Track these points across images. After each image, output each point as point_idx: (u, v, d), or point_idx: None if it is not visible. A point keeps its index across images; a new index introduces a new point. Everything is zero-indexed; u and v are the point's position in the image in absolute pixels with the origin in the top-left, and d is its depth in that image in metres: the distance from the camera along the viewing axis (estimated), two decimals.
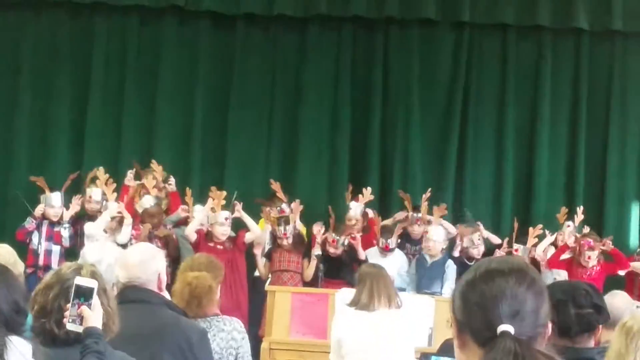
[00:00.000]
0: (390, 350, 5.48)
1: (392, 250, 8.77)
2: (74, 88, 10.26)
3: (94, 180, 9.10)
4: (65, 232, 8.87)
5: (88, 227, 8.46)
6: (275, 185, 9.43)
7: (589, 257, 8.61)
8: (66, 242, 8.87)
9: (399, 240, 8.93)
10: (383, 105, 10.28)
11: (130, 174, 9.42)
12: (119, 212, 8.51)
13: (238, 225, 8.96)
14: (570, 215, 9.30)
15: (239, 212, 8.81)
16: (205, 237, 8.68)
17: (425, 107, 10.27)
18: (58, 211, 8.91)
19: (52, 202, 8.92)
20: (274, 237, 8.78)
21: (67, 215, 8.91)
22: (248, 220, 8.84)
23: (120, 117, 10.22)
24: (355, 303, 5.58)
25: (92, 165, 9.68)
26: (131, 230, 8.48)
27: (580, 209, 9.19)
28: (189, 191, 9.19)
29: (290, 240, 8.67)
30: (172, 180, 9.40)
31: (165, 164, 9.54)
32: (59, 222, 8.90)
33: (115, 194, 8.75)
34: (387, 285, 5.60)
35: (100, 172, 9.01)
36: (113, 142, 10.19)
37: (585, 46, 10.27)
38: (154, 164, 9.35)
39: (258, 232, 8.80)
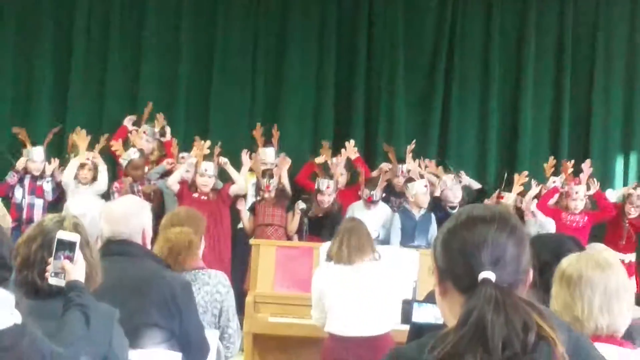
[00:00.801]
0: (372, 302, 5.53)
1: (375, 202, 8.77)
2: (58, 43, 10.12)
3: (75, 149, 9.06)
4: (47, 185, 8.89)
5: (63, 176, 8.72)
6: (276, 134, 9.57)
7: (577, 193, 8.69)
8: (48, 196, 8.89)
9: (383, 194, 8.96)
10: (368, 63, 10.23)
11: (129, 119, 9.56)
12: (89, 159, 8.70)
13: (224, 180, 8.98)
14: (557, 168, 9.36)
15: (225, 164, 8.85)
16: (189, 187, 8.70)
17: (410, 63, 10.23)
18: (39, 166, 8.92)
19: (34, 157, 8.93)
20: (258, 189, 8.81)
21: (49, 169, 8.92)
22: (233, 172, 8.87)
23: (104, 71, 10.10)
24: (329, 257, 5.66)
25: (76, 120, 9.63)
26: (107, 177, 8.70)
27: (570, 163, 9.23)
28: (173, 141, 9.27)
29: (272, 194, 8.69)
30: (167, 129, 9.55)
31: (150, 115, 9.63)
32: (41, 176, 8.90)
33: (85, 145, 8.91)
34: (360, 238, 5.64)
35: (81, 136, 9.00)
36: (97, 97, 10.09)
37: (569, 5, 10.25)
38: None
39: (242, 184, 8.82)
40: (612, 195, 9.16)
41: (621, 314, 2.76)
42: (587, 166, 9.03)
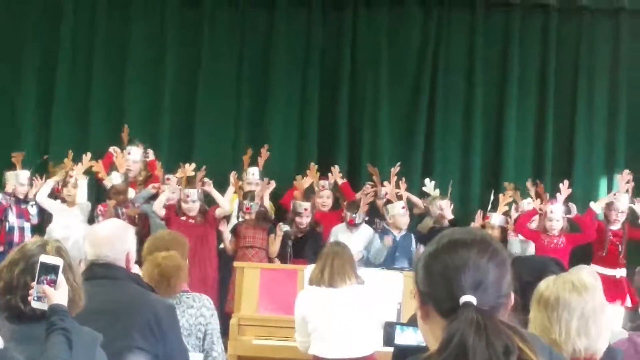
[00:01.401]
0: (355, 325, 5.53)
1: (357, 225, 8.76)
2: (42, 63, 10.16)
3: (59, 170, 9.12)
4: (32, 209, 8.89)
5: (36, 196, 8.77)
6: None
7: (552, 212, 8.67)
8: (34, 219, 8.90)
9: (366, 217, 8.95)
10: (351, 81, 10.27)
11: (113, 149, 9.47)
12: (71, 176, 8.77)
13: (210, 202, 8.97)
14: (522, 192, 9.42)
15: (209, 188, 8.85)
16: (177, 211, 8.70)
17: (394, 82, 10.26)
18: (24, 189, 8.93)
19: (21, 180, 8.91)
20: (240, 210, 8.82)
21: (32, 193, 8.92)
22: (217, 195, 8.87)
23: (89, 91, 10.13)
24: (310, 281, 5.67)
25: (60, 142, 9.62)
26: (85, 189, 8.80)
27: (541, 185, 9.30)
28: (158, 164, 9.28)
29: (252, 216, 8.69)
30: (149, 151, 9.54)
31: (134, 137, 9.61)
32: (26, 200, 8.89)
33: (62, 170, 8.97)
34: (342, 262, 5.65)
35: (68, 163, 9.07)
36: (81, 123, 10.09)
37: (553, 22, 10.28)
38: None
39: (227, 207, 8.83)
40: (596, 207, 9.06)
41: (599, 336, 2.77)
42: (564, 187, 8.98)
